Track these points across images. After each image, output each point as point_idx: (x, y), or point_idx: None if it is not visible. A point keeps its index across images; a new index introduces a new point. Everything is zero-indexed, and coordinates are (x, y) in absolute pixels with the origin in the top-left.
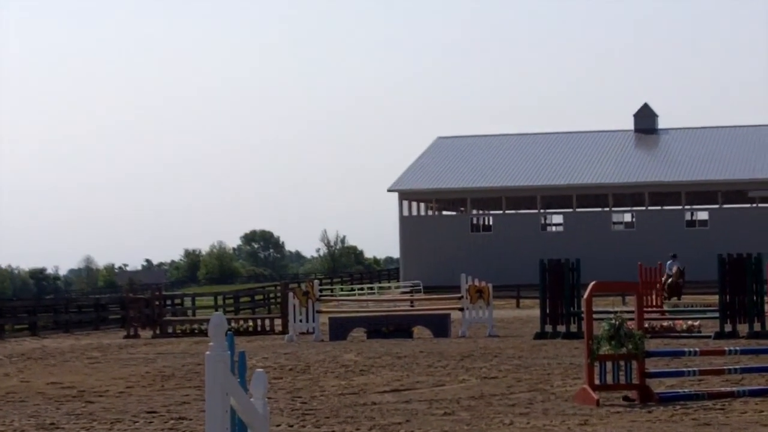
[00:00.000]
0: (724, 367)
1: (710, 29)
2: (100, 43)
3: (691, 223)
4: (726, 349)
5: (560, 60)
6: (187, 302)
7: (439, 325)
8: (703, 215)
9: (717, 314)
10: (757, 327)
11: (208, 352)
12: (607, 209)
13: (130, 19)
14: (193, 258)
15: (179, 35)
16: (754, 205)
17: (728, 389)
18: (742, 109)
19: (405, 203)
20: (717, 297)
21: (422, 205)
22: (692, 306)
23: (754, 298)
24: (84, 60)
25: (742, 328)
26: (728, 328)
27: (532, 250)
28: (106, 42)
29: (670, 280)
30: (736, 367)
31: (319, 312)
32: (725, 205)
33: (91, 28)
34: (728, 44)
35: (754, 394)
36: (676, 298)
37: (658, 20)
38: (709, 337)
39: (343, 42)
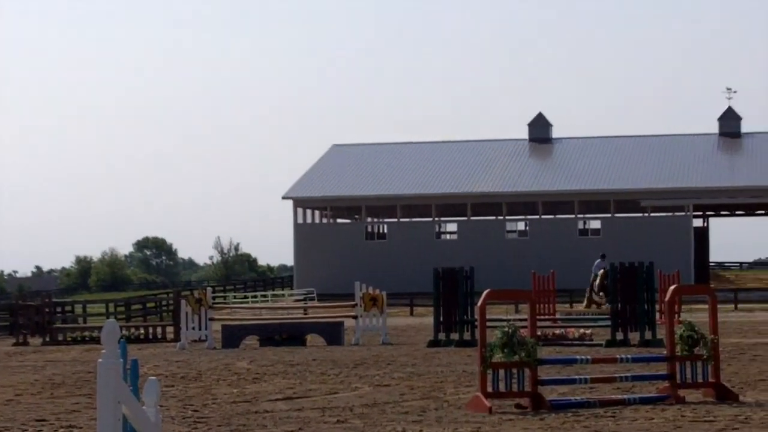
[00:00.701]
0: (616, 375)
1: (606, 37)
2: None
3: (584, 232)
4: (617, 357)
5: (454, 68)
6: (78, 309)
7: (333, 333)
8: (595, 224)
9: (609, 322)
10: (648, 335)
11: (100, 360)
12: (501, 218)
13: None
14: (84, 265)
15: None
16: (647, 214)
17: (619, 397)
18: (635, 120)
19: (299, 211)
20: (609, 305)
21: (317, 212)
22: (584, 314)
23: (646, 306)
24: None
25: (634, 337)
26: (620, 336)
27: (427, 258)
28: None
29: (597, 281)
30: (627, 375)
31: (211, 320)
32: (618, 214)
33: None
34: (623, 55)
35: (644, 401)
36: (604, 299)
37: (550, 30)
38: (600, 345)
39: (236, 48)
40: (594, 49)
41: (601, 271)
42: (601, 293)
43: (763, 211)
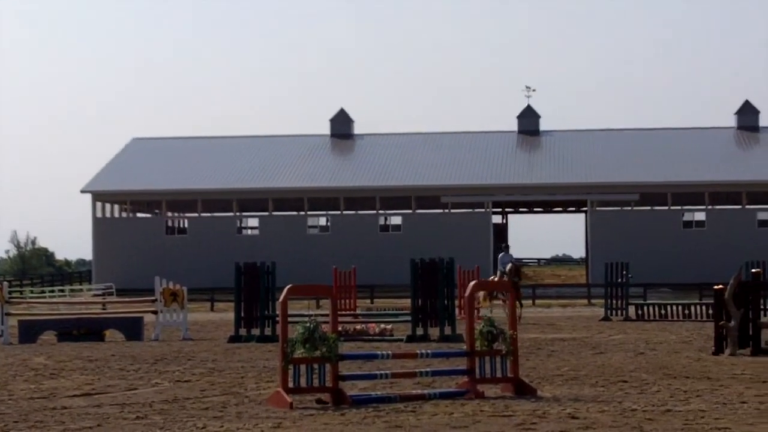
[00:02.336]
0: (416, 370)
1: (407, 37)
2: None
3: (385, 228)
4: (418, 352)
5: (255, 63)
6: None
7: (132, 329)
8: (396, 220)
9: (409, 318)
10: (447, 330)
11: None
12: (303, 213)
13: None
14: None
15: None
16: (447, 210)
17: (419, 392)
18: (436, 117)
19: (98, 205)
20: (410, 301)
21: (116, 207)
22: (385, 309)
23: (446, 302)
24: None
25: (434, 332)
26: (420, 331)
27: (228, 253)
28: None
29: (505, 278)
30: (428, 370)
31: (8, 314)
32: (418, 210)
33: None
34: (431, 54)
35: (444, 396)
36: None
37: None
38: (401, 340)
39: (34, 38)
40: (399, 47)
41: (509, 265)
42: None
43: (560, 208)
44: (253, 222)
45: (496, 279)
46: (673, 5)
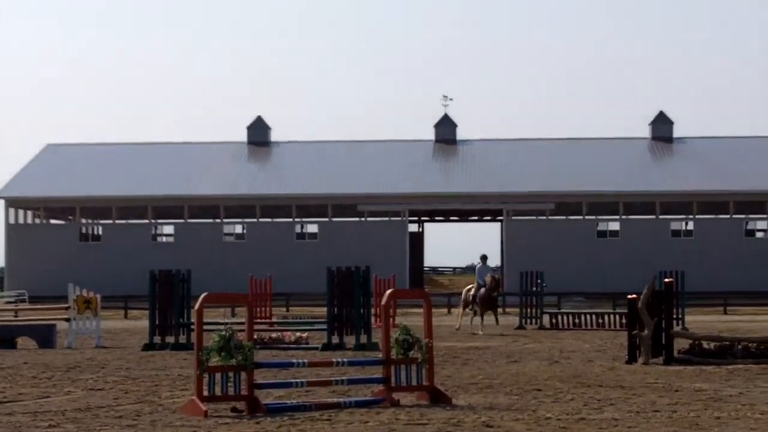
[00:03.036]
0: (332, 379)
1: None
2: None
3: (301, 236)
4: (333, 360)
5: (170, 70)
6: None
7: (45, 336)
8: (313, 228)
9: (325, 326)
10: (363, 339)
11: None
12: (219, 221)
13: None
14: None
15: None
16: (363, 219)
17: (335, 400)
18: (354, 125)
19: (12, 211)
20: (325, 309)
21: (30, 213)
22: (301, 318)
23: (362, 310)
24: None
25: (350, 340)
26: (336, 339)
27: (143, 260)
28: None
29: (482, 291)
30: (343, 378)
31: None
32: (335, 219)
33: None
34: (339, 63)
35: (359, 405)
36: (489, 312)
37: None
38: (317, 348)
39: None
40: (317, 54)
41: (489, 276)
42: (474, 306)
43: (476, 217)
44: (169, 229)
45: (472, 290)
46: (591, 17)
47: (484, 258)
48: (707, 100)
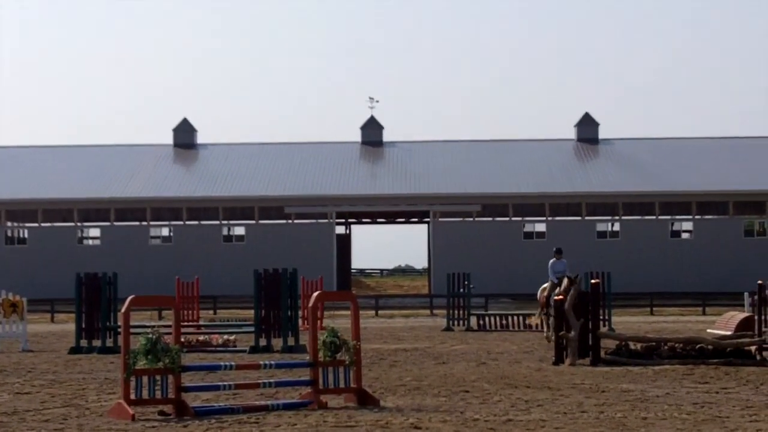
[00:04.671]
0: (259, 381)
1: (273, 45)
2: None
3: (228, 238)
4: (261, 363)
5: (104, 75)
6: None
7: None
8: (240, 230)
9: (253, 328)
10: (291, 341)
11: None
12: (145, 223)
13: None
14: None
15: None
16: (291, 221)
17: (263, 403)
18: (277, 127)
19: None
20: (253, 311)
21: None
22: (228, 320)
23: (289, 312)
24: None
25: (277, 343)
26: (263, 342)
27: (69, 263)
28: None
29: (556, 293)
30: (271, 380)
31: None
32: (262, 221)
33: None
34: (265, 62)
35: (287, 407)
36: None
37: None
38: (244, 351)
39: None
40: (245, 55)
41: (565, 280)
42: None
43: (403, 219)
44: (95, 232)
45: (547, 289)
46: (517, 19)
47: (558, 252)
48: (632, 102)
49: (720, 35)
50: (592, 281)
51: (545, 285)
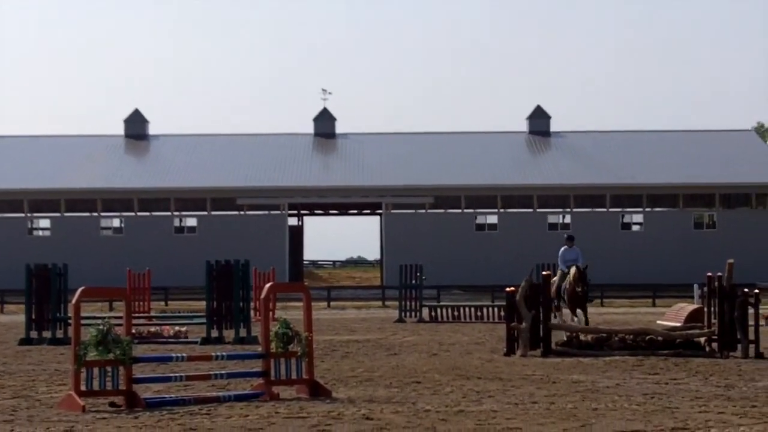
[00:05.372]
0: (211, 372)
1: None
2: None
3: (180, 230)
4: (213, 354)
5: (55, 64)
6: None
7: None
8: (191, 221)
9: (204, 320)
10: (243, 332)
11: None
12: (96, 214)
13: None
14: None
15: None
16: (243, 212)
17: (214, 394)
18: (233, 118)
19: None
20: (204, 303)
21: None
22: (179, 312)
23: (241, 304)
24: None
25: (229, 334)
26: (215, 333)
27: (19, 254)
28: None
29: (565, 283)
30: (223, 372)
31: None
32: (214, 212)
33: None
34: (219, 54)
35: (239, 398)
36: (578, 310)
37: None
38: (196, 342)
39: None
40: (196, 47)
41: (573, 269)
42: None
43: (355, 211)
44: (45, 223)
45: (556, 280)
46: (470, 11)
47: (569, 239)
48: (584, 95)
49: (670, 29)
50: (544, 273)
51: (555, 278)
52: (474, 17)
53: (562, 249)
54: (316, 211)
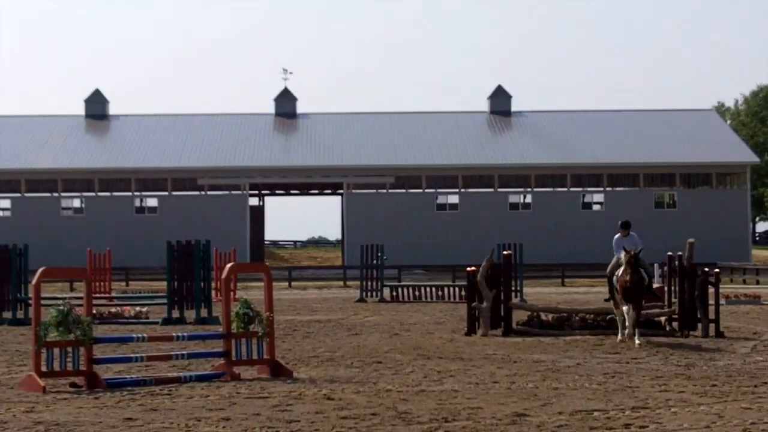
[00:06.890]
0: (172, 353)
1: (186, 17)
2: None
3: (141, 210)
4: (174, 335)
5: (15, 43)
6: None
7: None
8: (152, 202)
9: (165, 300)
10: (204, 313)
11: None
12: (56, 194)
13: None
14: None
15: None
16: (204, 192)
17: (175, 375)
18: (193, 98)
19: None
20: (165, 283)
21: None
22: (140, 292)
23: (202, 284)
24: None
25: (190, 314)
26: (176, 314)
27: None
28: None
29: (619, 272)
30: (184, 352)
31: None
32: (175, 192)
33: None
34: (181, 33)
35: (200, 379)
36: (631, 304)
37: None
38: (157, 323)
39: None
40: (157, 27)
41: (624, 255)
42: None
43: (316, 191)
44: (5, 203)
45: (609, 269)
46: None
47: (623, 226)
48: (545, 75)
49: (630, 9)
50: (504, 252)
51: (611, 265)
52: None
53: (616, 237)
54: (277, 191)
